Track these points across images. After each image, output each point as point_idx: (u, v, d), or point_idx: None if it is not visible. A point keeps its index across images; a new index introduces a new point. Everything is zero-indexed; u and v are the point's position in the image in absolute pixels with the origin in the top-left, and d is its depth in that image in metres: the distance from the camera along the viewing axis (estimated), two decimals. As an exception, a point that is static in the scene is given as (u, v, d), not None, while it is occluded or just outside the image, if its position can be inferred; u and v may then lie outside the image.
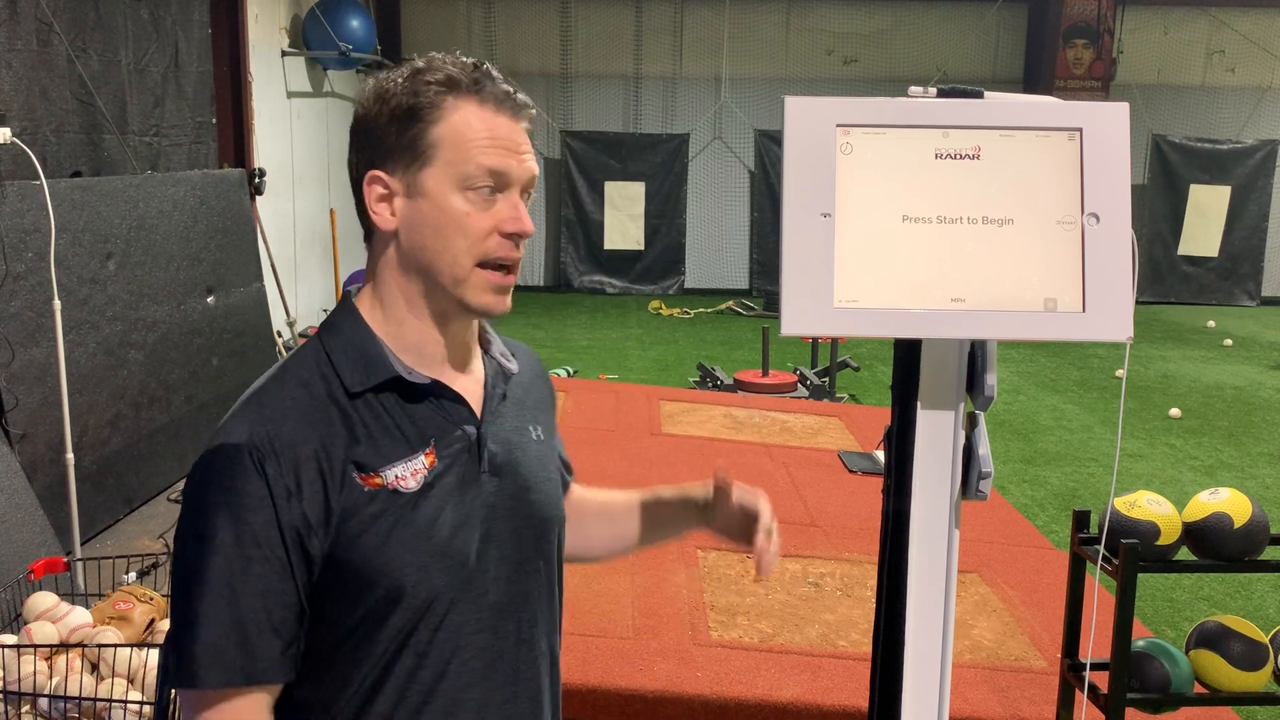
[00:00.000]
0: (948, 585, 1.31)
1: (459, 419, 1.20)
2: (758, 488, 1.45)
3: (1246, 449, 6.78)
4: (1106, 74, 12.93)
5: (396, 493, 1.13)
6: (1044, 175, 1.22)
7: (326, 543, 1.10)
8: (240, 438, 1.09)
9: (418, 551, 1.13)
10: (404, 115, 1.15)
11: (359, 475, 1.12)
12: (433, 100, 1.15)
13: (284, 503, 1.08)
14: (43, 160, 4.21)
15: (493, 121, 1.16)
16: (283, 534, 1.08)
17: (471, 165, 1.14)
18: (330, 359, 1.16)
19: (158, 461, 5.11)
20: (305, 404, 1.13)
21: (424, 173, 1.15)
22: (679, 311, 12.01)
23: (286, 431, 1.10)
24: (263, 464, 1.08)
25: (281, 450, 1.09)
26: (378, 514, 1.12)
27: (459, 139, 1.14)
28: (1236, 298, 13.58)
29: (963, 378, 1.29)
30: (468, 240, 1.15)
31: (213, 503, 1.08)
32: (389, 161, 1.16)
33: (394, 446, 1.14)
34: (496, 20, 13.16)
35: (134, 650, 2.44)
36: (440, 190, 1.15)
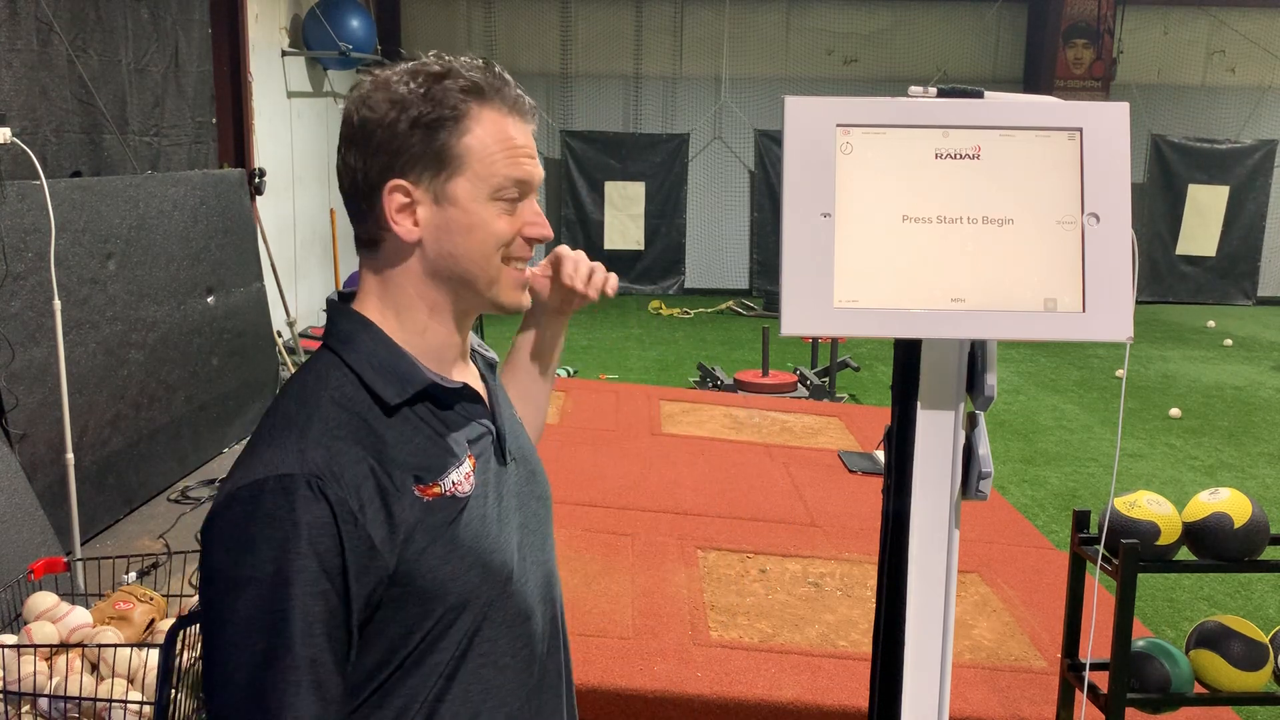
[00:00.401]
0: (948, 585, 1.31)
1: (478, 415, 1.22)
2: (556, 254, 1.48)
3: (1246, 449, 6.78)
4: (1106, 74, 12.92)
5: (455, 499, 1.13)
6: (1044, 175, 1.22)
7: (392, 561, 1.06)
8: (292, 467, 1.02)
9: (479, 552, 1.14)
10: (431, 124, 1.13)
11: (418, 488, 1.09)
12: (459, 109, 1.13)
13: (350, 528, 1.03)
14: (43, 160, 4.21)
15: (513, 129, 1.17)
16: (346, 568, 1.03)
17: (500, 176, 1.15)
18: (358, 375, 1.13)
19: (158, 461, 5.11)
20: (347, 423, 1.08)
21: (453, 182, 1.14)
22: (679, 311, 12.01)
23: (339, 452, 1.05)
24: (323, 490, 1.02)
25: (341, 473, 1.04)
26: (441, 524, 1.11)
27: (487, 150, 1.14)
28: (1233, 297, 13.59)
29: (963, 378, 1.29)
30: (492, 246, 1.16)
31: (268, 538, 1.00)
32: (411, 170, 1.14)
33: (442, 454, 1.14)
34: (496, 20, 13.16)
35: (134, 650, 2.43)
36: (471, 199, 1.15)
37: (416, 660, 1.11)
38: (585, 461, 4.51)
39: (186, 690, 2.26)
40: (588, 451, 4.67)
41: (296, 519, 1.01)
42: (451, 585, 1.11)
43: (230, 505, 1.03)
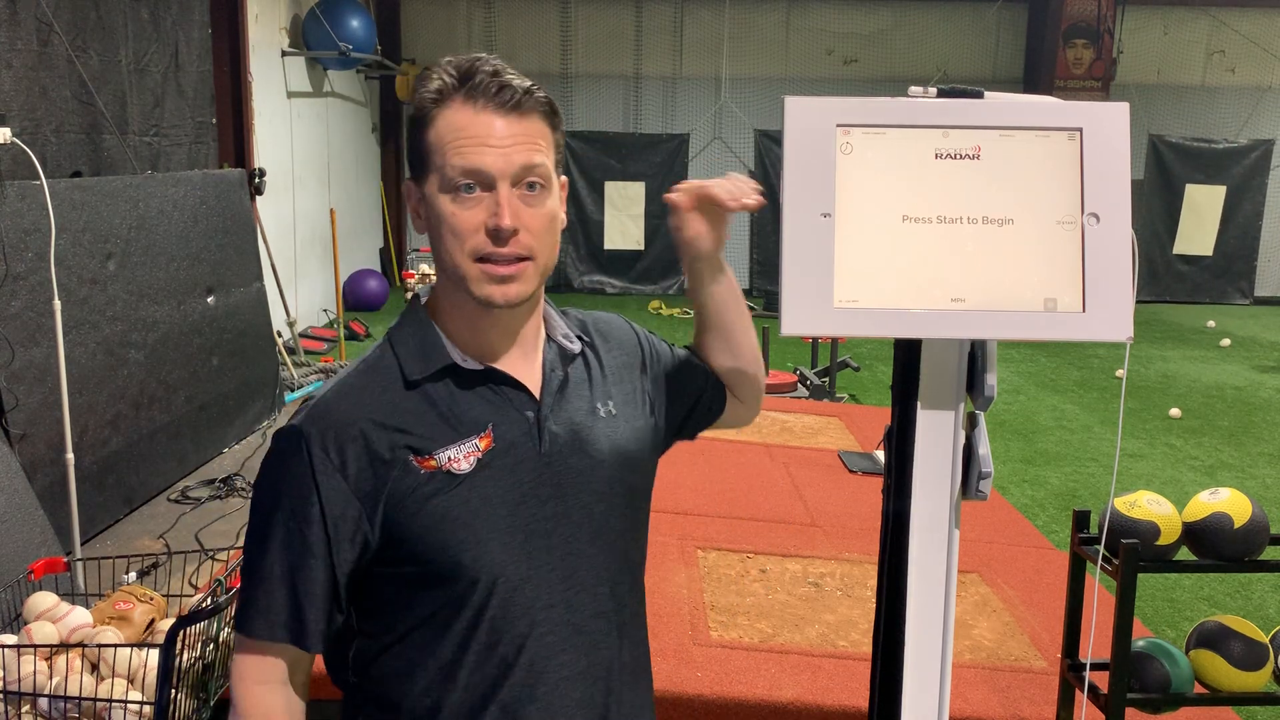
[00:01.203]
0: (948, 585, 1.31)
1: (518, 403, 1.24)
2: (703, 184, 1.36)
3: (1246, 449, 6.78)
4: (1106, 74, 12.92)
5: (450, 474, 1.19)
6: (1044, 175, 1.22)
7: (378, 520, 1.18)
8: (296, 421, 1.20)
9: (473, 529, 1.19)
10: (412, 127, 1.21)
11: (414, 458, 1.18)
12: (427, 109, 1.19)
13: (327, 480, 1.17)
14: (43, 160, 4.21)
15: (474, 119, 1.17)
16: (324, 510, 1.17)
17: (449, 168, 1.17)
18: (395, 350, 1.24)
19: (158, 461, 5.11)
20: (363, 389, 1.21)
21: (427, 180, 1.20)
22: (679, 311, 12.01)
23: (337, 414, 1.19)
24: (308, 444, 1.17)
25: (329, 431, 1.18)
26: (431, 494, 1.18)
27: (441, 143, 1.18)
28: (1230, 296, 13.60)
29: (963, 378, 1.29)
30: (458, 240, 1.18)
31: (268, 477, 1.21)
32: (412, 170, 1.23)
33: (447, 430, 1.20)
34: (496, 20, 13.16)
35: (134, 650, 2.43)
36: (434, 195, 1.19)
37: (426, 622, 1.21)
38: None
39: (186, 690, 2.26)
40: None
41: (286, 465, 1.19)
42: (439, 555, 1.18)
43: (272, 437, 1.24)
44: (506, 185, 1.17)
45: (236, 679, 1.21)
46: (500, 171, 1.17)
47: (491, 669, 1.22)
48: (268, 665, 1.20)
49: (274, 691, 1.21)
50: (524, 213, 1.18)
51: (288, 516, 1.18)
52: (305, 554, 1.18)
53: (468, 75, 1.18)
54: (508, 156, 1.17)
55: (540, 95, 1.21)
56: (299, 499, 1.18)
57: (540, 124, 1.20)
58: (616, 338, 1.41)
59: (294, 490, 1.18)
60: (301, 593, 1.18)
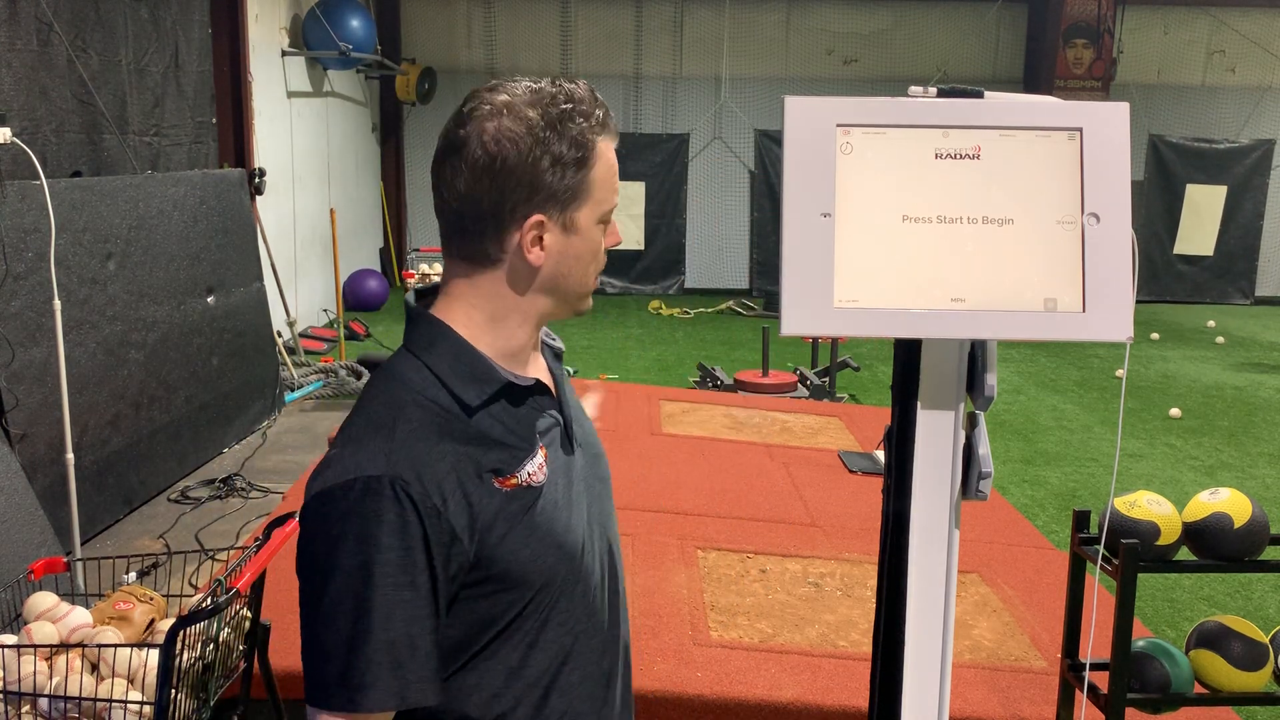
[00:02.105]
0: (948, 585, 1.31)
1: (547, 407, 1.29)
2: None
3: (1246, 449, 6.78)
4: (1106, 74, 12.92)
5: (530, 488, 1.21)
6: (1044, 175, 1.22)
7: (473, 549, 1.15)
8: (378, 469, 1.11)
9: (554, 535, 1.23)
10: (572, 164, 1.19)
11: (497, 480, 1.18)
12: (592, 148, 1.21)
13: (433, 522, 1.11)
14: (43, 160, 4.21)
15: (614, 156, 1.26)
16: (431, 557, 1.11)
17: (609, 204, 1.25)
18: (440, 378, 1.20)
19: (158, 461, 5.11)
20: (430, 424, 1.16)
21: (580, 212, 1.22)
22: (679, 311, 12.01)
23: (421, 453, 1.13)
24: (408, 491, 1.10)
25: (423, 472, 1.12)
26: (519, 511, 1.19)
27: (605, 181, 1.23)
28: (1230, 296, 13.60)
29: (963, 378, 1.29)
30: (599, 263, 1.28)
31: (355, 534, 1.09)
32: (550, 204, 1.20)
33: (518, 447, 1.22)
34: (496, 20, 13.16)
35: (134, 650, 2.43)
36: (589, 225, 1.23)
37: (503, 635, 1.20)
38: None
39: (186, 690, 2.26)
40: (588, 451, 4.66)
41: (382, 518, 1.09)
42: (531, 567, 1.19)
43: (325, 501, 1.12)
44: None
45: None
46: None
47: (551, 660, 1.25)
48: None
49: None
50: None
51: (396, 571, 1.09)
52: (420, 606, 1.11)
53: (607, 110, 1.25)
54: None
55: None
56: (405, 550, 1.09)
57: None
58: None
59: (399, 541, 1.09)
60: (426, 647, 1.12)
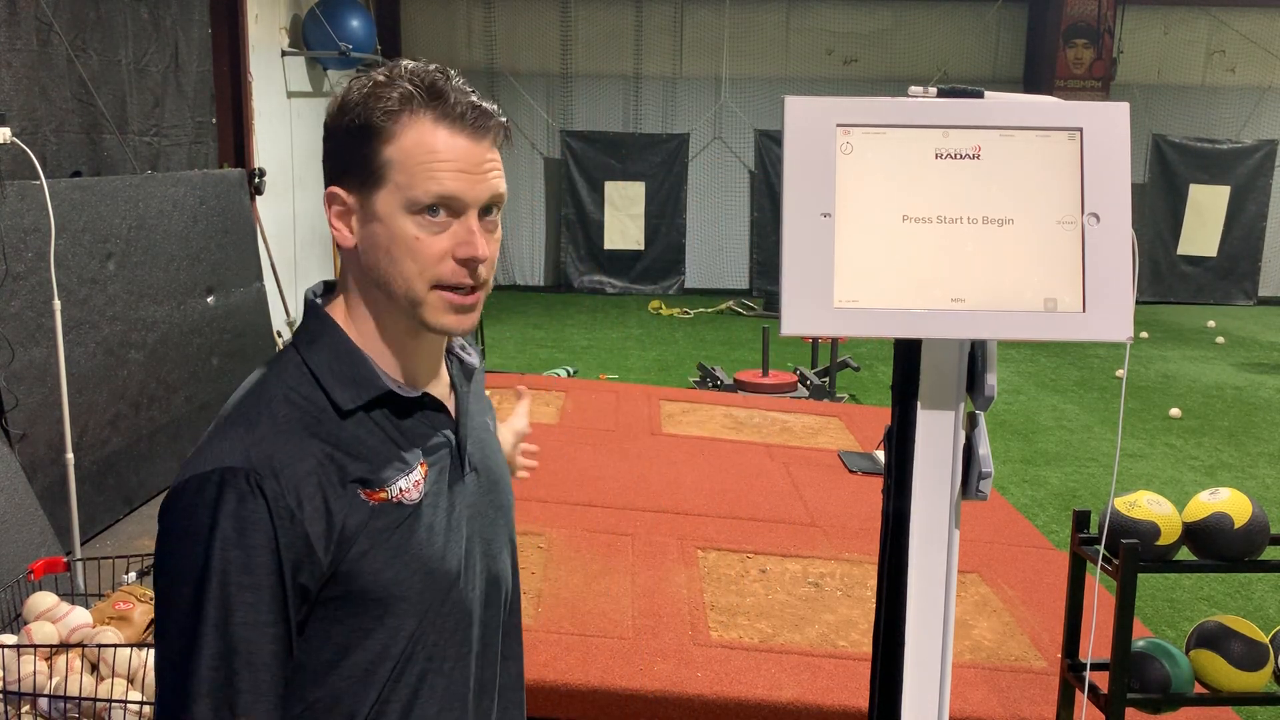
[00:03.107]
0: (948, 585, 1.31)
1: (439, 424, 1.20)
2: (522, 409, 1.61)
3: (1246, 449, 6.78)
4: (1106, 74, 12.92)
5: (401, 505, 1.12)
6: (1044, 175, 1.22)
7: (328, 561, 1.07)
8: (235, 460, 1.05)
9: (423, 559, 1.14)
10: (358, 132, 1.10)
11: (363, 491, 1.10)
12: (386, 117, 1.09)
13: (285, 524, 1.05)
14: (43, 160, 4.21)
15: (448, 141, 1.10)
16: (280, 560, 1.04)
17: (419, 190, 1.09)
18: (315, 376, 1.13)
19: (158, 461, 5.11)
20: (296, 422, 1.09)
21: (376, 194, 1.11)
22: (679, 311, 12.01)
23: (282, 451, 1.06)
24: (261, 486, 1.04)
25: (280, 470, 1.05)
26: (385, 528, 1.11)
27: (409, 161, 1.09)
28: (1234, 297, 13.59)
29: (963, 378, 1.29)
30: (419, 265, 1.11)
31: (205, 528, 1.03)
32: (345, 178, 1.13)
33: (392, 460, 1.13)
34: (496, 20, 13.16)
35: (134, 650, 2.43)
36: (390, 213, 1.10)
37: (364, 665, 1.12)
38: (585, 461, 4.51)
39: (186, 690, 2.26)
40: (588, 451, 4.67)
41: (230, 513, 1.03)
42: (394, 590, 1.11)
43: (178, 495, 1.06)
44: (474, 214, 1.12)
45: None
46: (474, 199, 1.11)
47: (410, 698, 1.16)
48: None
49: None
50: (488, 242, 1.14)
51: (236, 571, 1.03)
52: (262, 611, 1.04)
53: (436, 91, 1.10)
54: (478, 185, 1.11)
55: (503, 119, 1.15)
56: (250, 548, 1.03)
57: (496, 149, 1.15)
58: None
59: (244, 539, 1.03)
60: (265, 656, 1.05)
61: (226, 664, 1.03)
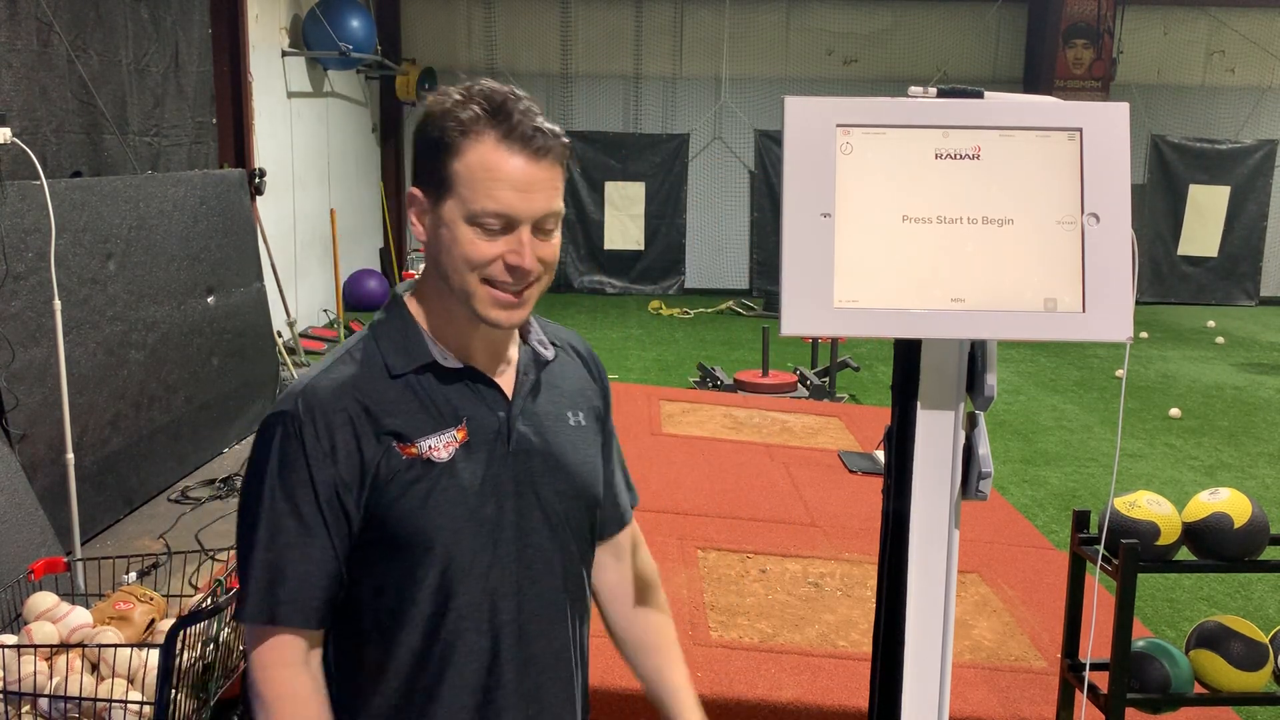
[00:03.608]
0: (948, 585, 1.31)
1: (492, 401, 1.33)
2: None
3: (1246, 449, 6.78)
4: (1106, 74, 12.92)
5: (430, 462, 1.27)
6: (1044, 175, 1.22)
7: (363, 501, 1.25)
8: (287, 406, 1.26)
9: (449, 515, 1.27)
10: (433, 145, 1.26)
11: (397, 444, 1.26)
12: (456, 135, 1.24)
13: (319, 463, 1.24)
14: (43, 160, 4.21)
15: (507, 162, 1.23)
16: (316, 492, 1.24)
17: (478, 205, 1.23)
18: (378, 345, 1.31)
19: (158, 461, 5.11)
20: (349, 379, 1.28)
21: (445, 201, 1.26)
22: (679, 311, 12.01)
23: (326, 401, 1.25)
24: (301, 430, 1.24)
25: (319, 418, 1.24)
26: (413, 480, 1.26)
27: (472, 177, 1.23)
28: (1235, 297, 13.59)
29: (963, 378, 1.29)
30: (472, 263, 1.25)
31: (260, 462, 1.26)
32: (422, 182, 1.29)
33: (427, 420, 1.28)
34: (496, 20, 13.16)
35: (134, 650, 2.43)
36: (454, 220, 1.25)
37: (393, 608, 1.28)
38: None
39: (186, 690, 2.26)
40: (588, 451, 4.66)
41: (280, 449, 1.25)
42: (417, 537, 1.26)
43: (258, 431, 1.29)
44: (528, 228, 1.26)
45: (256, 667, 1.25)
46: (526, 216, 1.25)
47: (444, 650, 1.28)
48: (284, 648, 1.25)
49: (296, 673, 1.26)
50: (539, 248, 1.27)
51: (281, 499, 1.24)
52: (301, 535, 1.24)
53: (502, 113, 1.24)
54: (533, 203, 1.25)
55: (564, 140, 1.28)
56: (292, 482, 1.24)
57: (559, 167, 1.28)
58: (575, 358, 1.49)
59: (287, 473, 1.24)
60: (300, 574, 1.24)
61: (270, 578, 1.24)
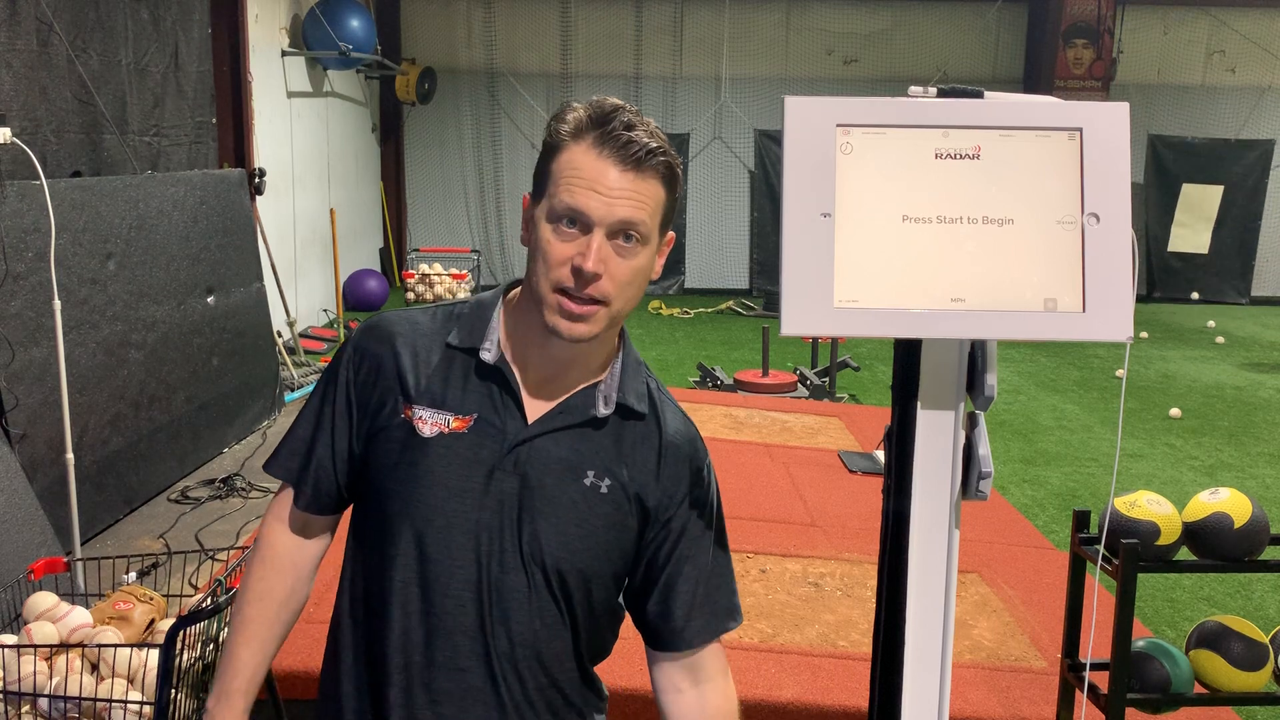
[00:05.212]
0: (948, 585, 1.31)
1: (508, 416, 1.33)
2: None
3: (1246, 449, 6.78)
4: (1106, 74, 12.92)
5: (413, 430, 1.32)
6: (1044, 175, 1.22)
7: (363, 431, 1.37)
8: (363, 325, 1.42)
9: (409, 486, 1.32)
10: (544, 149, 1.31)
11: (401, 399, 1.34)
12: (560, 140, 1.27)
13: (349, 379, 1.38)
14: (43, 160, 4.21)
15: (595, 164, 1.24)
16: (336, 398, 1.39)
17: (557, 200, 1.25)
18: (458, 315, 1.39)
19: (158, 461, 5.11)
20: (411, 326, 1.38)
21: (540, 202, 1.29)
22: (679, 311, 12.01)
23: (382, 335, 1.38)
24: (352, 346, 1.40)
25: (367, 343, 1.38)
26: (395, 439, 1.33)
27: (560, 176, 1.26)
28: (1228, 296, 13.60)
29: (963, 378, 1.28)
30: (547, 266, 1.26)
31: (328, 368, 1.42)
32: (534, 189, 1.33)
33: (439, 395, 1.33)
34: (496, 20, 13.16)
35: (134, 650, 2.43)
36: (540, 219, 1.28)
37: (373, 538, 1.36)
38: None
39: (186, 690, 2.26)
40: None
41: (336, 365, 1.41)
42: (377, 491, 1.35)
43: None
44: (602, 233, 1.24)
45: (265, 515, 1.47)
46: (600, 219, 1.24)
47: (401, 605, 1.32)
48: (282, 505, 1.44)
49: (283, 529, 1.43)
50: (612, 261, 1.25)
51: (321, 394, 1.41)
52: (322, 424, 1.40)
53: (603, 120, 1.25)
54: (611, 207, 1.23)
55: (663, 158, 1.26)
56: (331, 382, 1.40)
57: (656, 185, 1.26)
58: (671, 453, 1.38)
59: (331, 375, 1.40)
60: (311, 451, 1.40)
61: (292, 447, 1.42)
